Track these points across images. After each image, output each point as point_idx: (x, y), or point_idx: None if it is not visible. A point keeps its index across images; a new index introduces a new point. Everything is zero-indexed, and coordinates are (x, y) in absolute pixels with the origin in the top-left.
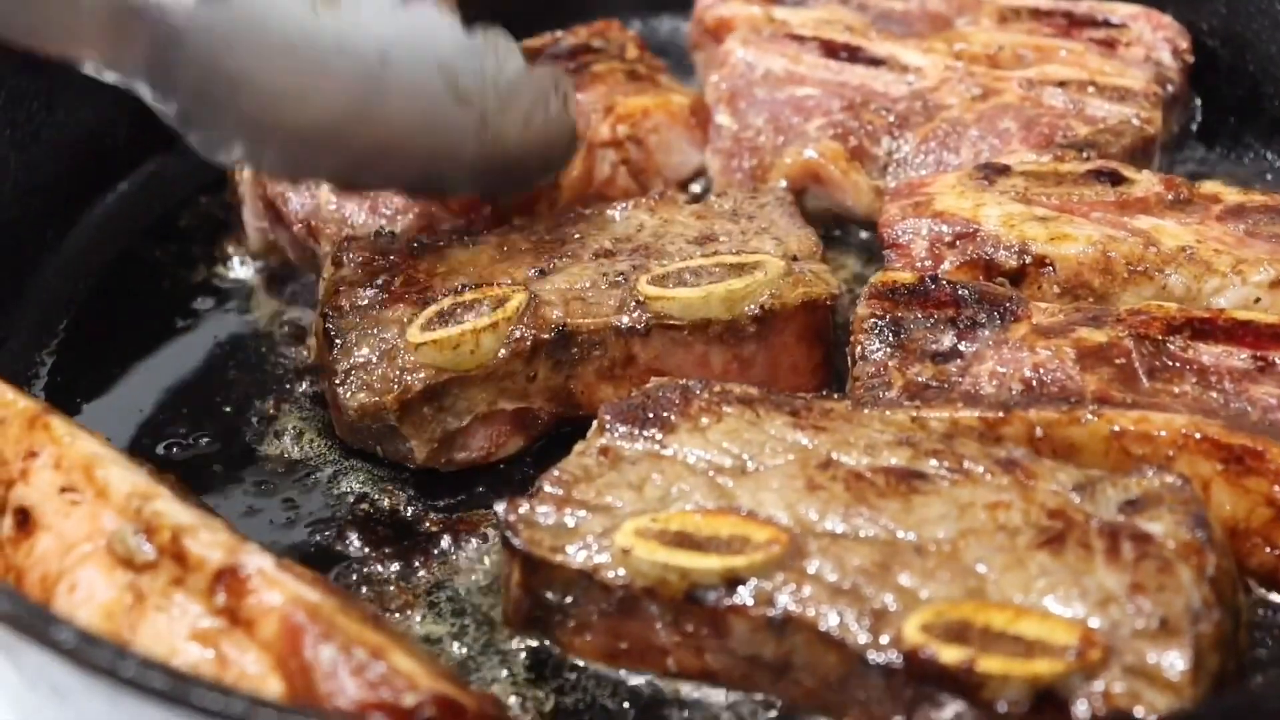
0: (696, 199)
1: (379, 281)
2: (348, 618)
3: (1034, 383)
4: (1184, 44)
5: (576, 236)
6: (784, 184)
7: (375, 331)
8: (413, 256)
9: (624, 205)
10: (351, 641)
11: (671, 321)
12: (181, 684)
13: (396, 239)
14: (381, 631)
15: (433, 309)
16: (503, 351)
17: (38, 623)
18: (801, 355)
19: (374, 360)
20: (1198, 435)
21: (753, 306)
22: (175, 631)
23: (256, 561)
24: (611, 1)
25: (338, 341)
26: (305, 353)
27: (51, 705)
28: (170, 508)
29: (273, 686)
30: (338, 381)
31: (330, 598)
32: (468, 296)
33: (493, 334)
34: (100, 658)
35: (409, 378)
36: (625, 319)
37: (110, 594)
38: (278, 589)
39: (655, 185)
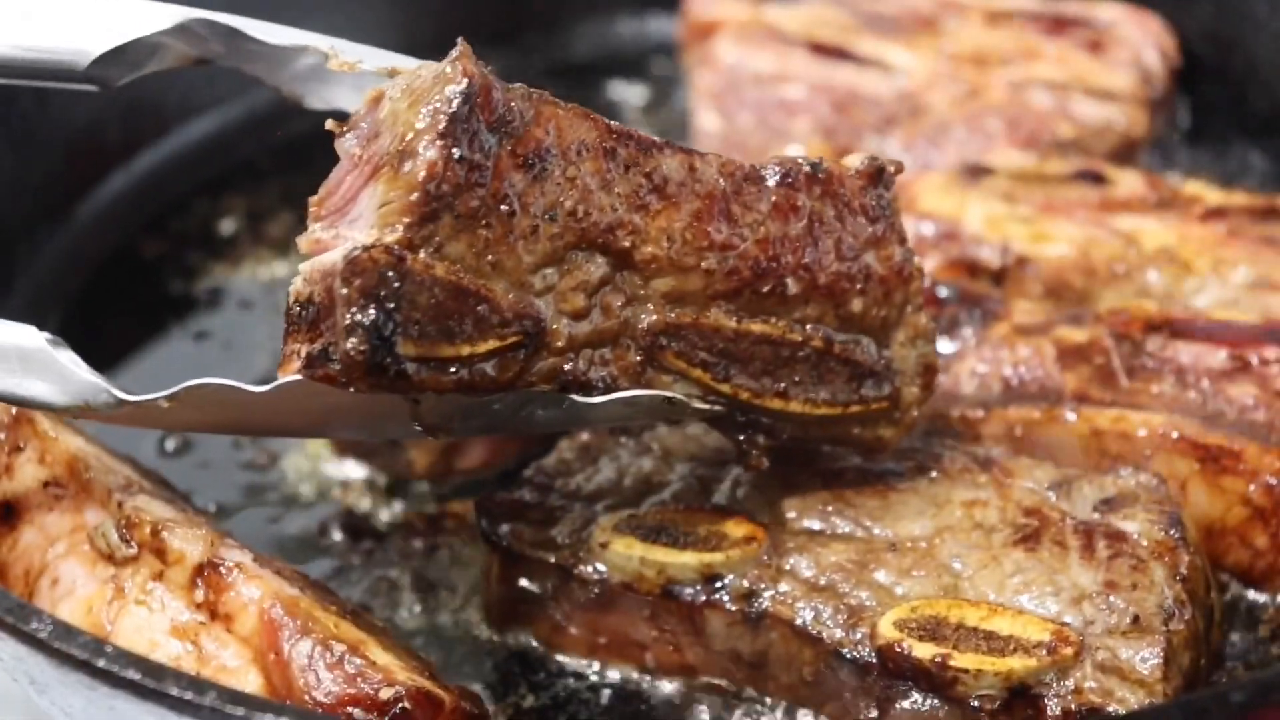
0: None
1: None
2: (326, 612)
3: (1013, 381)
4: (1170, 45)
5: None
6: None
7: None
8: None
9: None
10: (330, 636)
11: None
12: (156, 676)
13: None
14: (361, 626)
15: None
16: None
17: (13, 614)
18: None
19: None
20: (1175, 435)
21: None
22: (155, 625)
23: (236, 556)
24: (603, 1)
25: None
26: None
27: (30, 697)
28: (151, 503)
29: (252, 680)
30: None
31: (310, 592)
32: None
33: None
34: (75, 650)
35: None
36: None
37: (92, 588)
38: (257, 583)
39: None
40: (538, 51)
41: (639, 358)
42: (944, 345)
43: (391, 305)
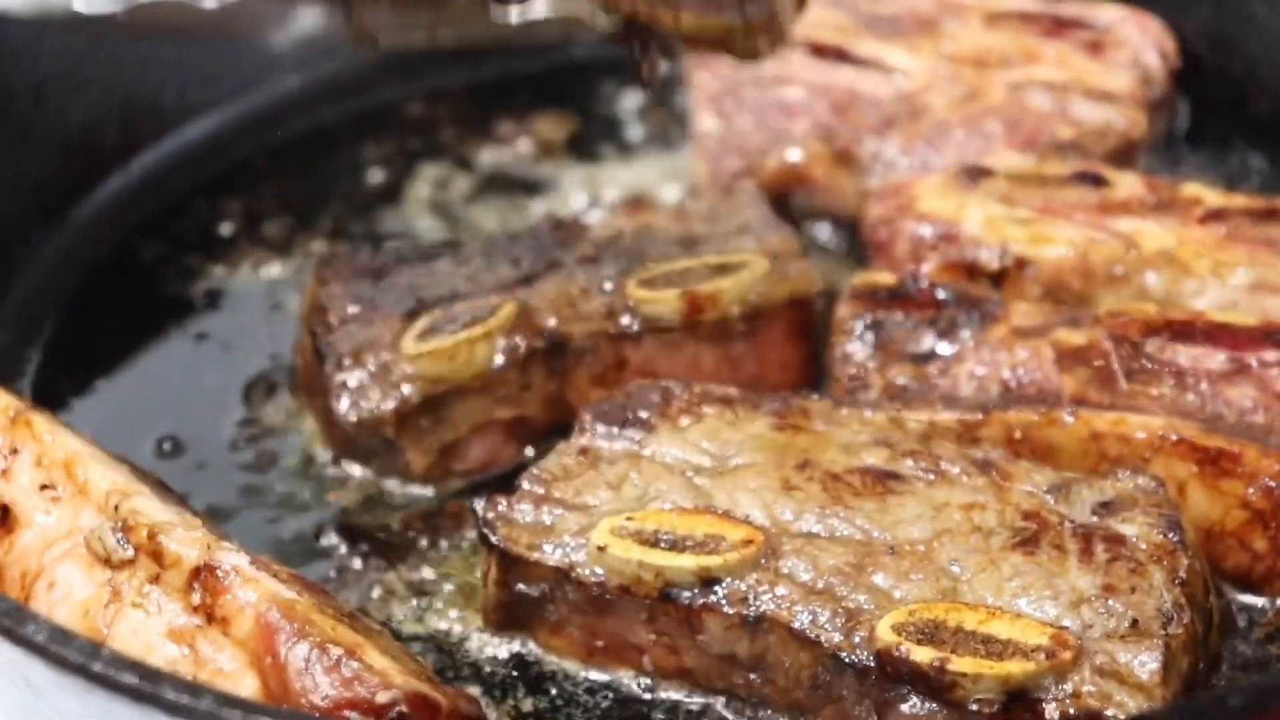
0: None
1: (365, 295)
2: (323, 615)
3: (1012, 384)
4: (1170, 46)
5: (558, 245)
6: (751, 184)
7: (368, 345)
8: (396, 269)
9: (600, 213)
10: (326, 639)
11: (662, 323)
12: (152, 680)
13: (379, 254)
14: (357, 629)
15: (424, 320)
16: (499, 359)
17: (10, 617)
18: (789, 352)
19: (369, 374)
20: (1174, 437)
21: (741, 305)
22: (152, 629)
23: (233, 559)
24: None
25: (330, 357)
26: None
27: (26, 701)
28: (148, 506)
29: (248, 684)
30: (333, 396)
31: (306, 595)
32: (458, 307)
33: (486, 343)
34: (70, 653)
35: (406, 390)
36: (616, 323)
37: (88, 591)
38: (253, 586)
39: None
40: (538, 52)
41: None
42: (942, 347)
43: None
